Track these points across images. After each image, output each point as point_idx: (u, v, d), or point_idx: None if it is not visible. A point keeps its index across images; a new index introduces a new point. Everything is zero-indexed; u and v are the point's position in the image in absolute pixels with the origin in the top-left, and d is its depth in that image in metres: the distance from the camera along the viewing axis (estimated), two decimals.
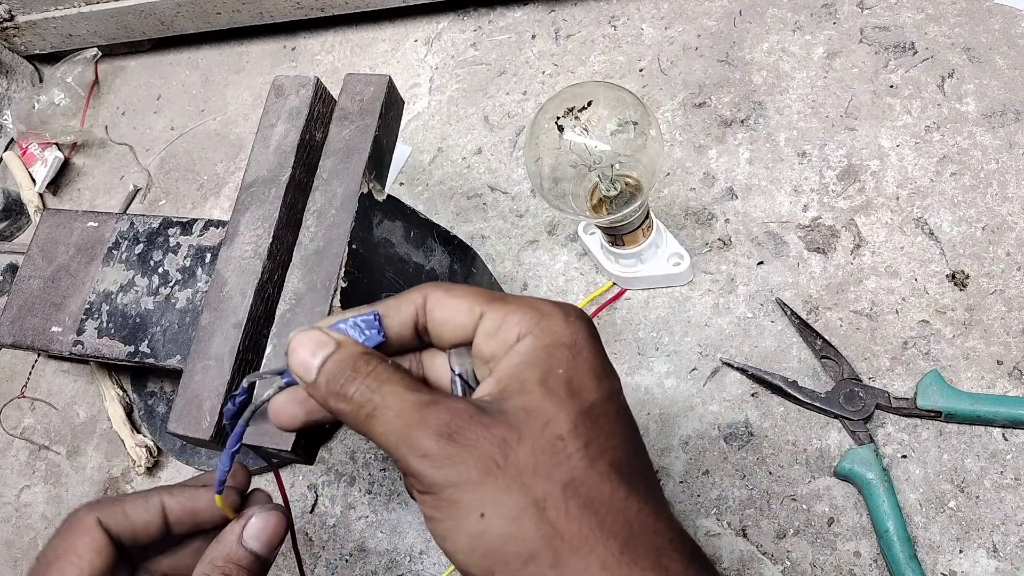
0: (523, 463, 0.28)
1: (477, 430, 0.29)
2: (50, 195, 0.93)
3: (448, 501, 0.28)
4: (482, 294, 0.33)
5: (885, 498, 0.52)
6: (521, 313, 0.32)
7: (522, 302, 0.32)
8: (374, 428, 0.30)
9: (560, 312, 0.32)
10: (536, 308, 0.32)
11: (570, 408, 0.30)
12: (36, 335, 0.65)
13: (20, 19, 0.93)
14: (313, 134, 0.51)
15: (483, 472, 0.28)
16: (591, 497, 0.28)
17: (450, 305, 0.33)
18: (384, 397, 0.30)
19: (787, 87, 0.70)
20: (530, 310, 0.32)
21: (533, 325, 0.31)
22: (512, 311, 0.32)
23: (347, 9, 0.85)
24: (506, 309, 0.32)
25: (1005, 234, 0.60)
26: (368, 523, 0.64)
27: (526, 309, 0.32)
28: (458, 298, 0.33)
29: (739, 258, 0.64)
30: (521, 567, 0.28)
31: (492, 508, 0.28)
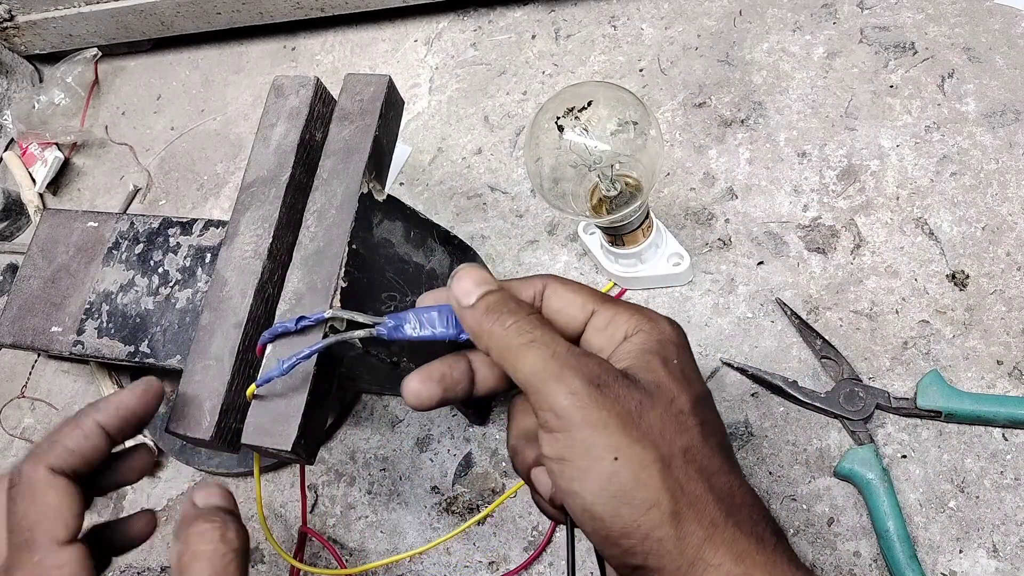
0: (653, 425, 0.33)
1: (620, 387, 0.33)
2: (50, 195, 0.93)
3: (582, 443, 0.32)
4: (595, 293, 0.37)
5: (885, 498, 0.52)
6: (629, 315, 0.36)
7: (631, 306, 0.36)
8: (525, 359, 0.33)
9: (664, 317, 0.37)
10: (644, 312, 0.36)
11: (688, 391, 0.34)
12: (36, 335, 0.65)
13: (20, 19, 0.93)
14: (313, 134, 0.51)
15: (621, 422, 0.32)
16: (704, 465, 0.33)
17: (566, 298, 0.36)
18: (543, 335, 0.34)
19: (787, 87, 0.70)
20: (639, 313, 0.36)
21: (643, 324, 0.36)
22: (621, 312, 0.36)
23: (347, 9, 0.85)
24: (616, 309, 0.36)
25: (1005, 234, 0.60)
26: (368, 523, 0.64)
27: (634, 311, 0.36)
28: (573, 292, 0.37)
29: (739, 258, 0.64)
30: (645, 511, 0.31)
31: (625, 455, 0.32)
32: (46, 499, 0.37)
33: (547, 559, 0.59)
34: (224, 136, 0.90)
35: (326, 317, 0.43)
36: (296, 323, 0.43)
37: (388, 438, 0.67)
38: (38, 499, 0.37)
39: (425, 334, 0.41)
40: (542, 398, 0.33)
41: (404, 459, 0.65)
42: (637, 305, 0.37)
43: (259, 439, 0.43)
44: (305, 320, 0.43)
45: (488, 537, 0.61)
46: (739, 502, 0.33)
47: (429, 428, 0.66)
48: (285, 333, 0.43)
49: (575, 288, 0.37)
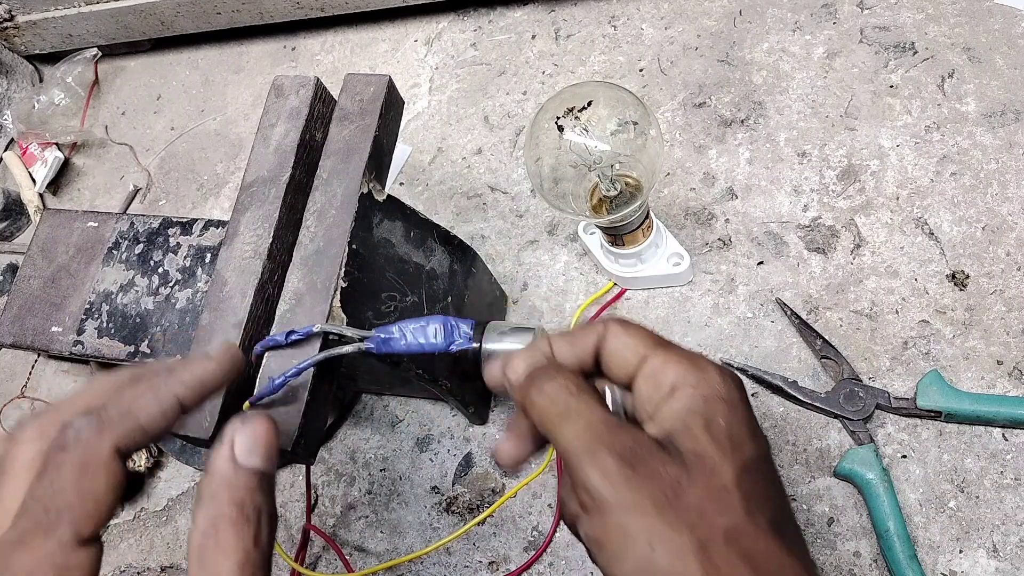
0: (692, 504, 0.30)
1: (655, 463, 0.31)
2: (50, 195, 0.93)
3: (616, 525, 0.30)
4: (650, 338, 0.35)
5: (885, 498, 0.52)
6: (680, 364, 0.34)
7: (683, 354, 0.34)
8: (563, 429, 0.32)
9: (715, 368, 0.34)
10: (694, 362, 0.34)
11: (733, 460, 0.31)
12: (36, 335, 0.65)
13: (20, 19, 0.93)
14: (313, 134, 0.51)
15: (656, 504, 0.30)
16: (749, 548, 0.30)
17: (622, 341, 0.35)
18: (579, 403, 0.33)
19: (787, 87, 0.70)
20: (689, 363, 0.34)
21: (691, 376, 0.33)
22: (672, 361, 0.34)
23: (347, 9, 0.85)
24: (667, 357, 0.34)
25: (1005, 234, 0.60)
26: (368, 523, 0.64)
27: (685, 362, 0.34)
28: (630, 336, 0.35)
29: (739, 258, 0.64)
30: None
31: (661, 541, 0.29)
32: (95, 483, 0.30)
33: (547, 559, 0.59)
34: (224, 136, 0.90)
35: (315, 331, 0.43)
36: (286, 337, 0.43)
37: (388, 438, 0.67)
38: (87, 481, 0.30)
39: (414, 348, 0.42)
40: (577, 474, 0.31)
41: (404, 459, 0.65)
42: (691, 354, 0.35)
43: None
44: (295, 334, 0.43)
45: (488, 537, 0.61)
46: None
47: (429, 428, 0.66)
48: (277, 346, 0.44)
49: (633, 332, 0.35)
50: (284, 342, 0.43)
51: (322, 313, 0.45)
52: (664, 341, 0.35)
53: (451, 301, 0.58)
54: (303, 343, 0.44)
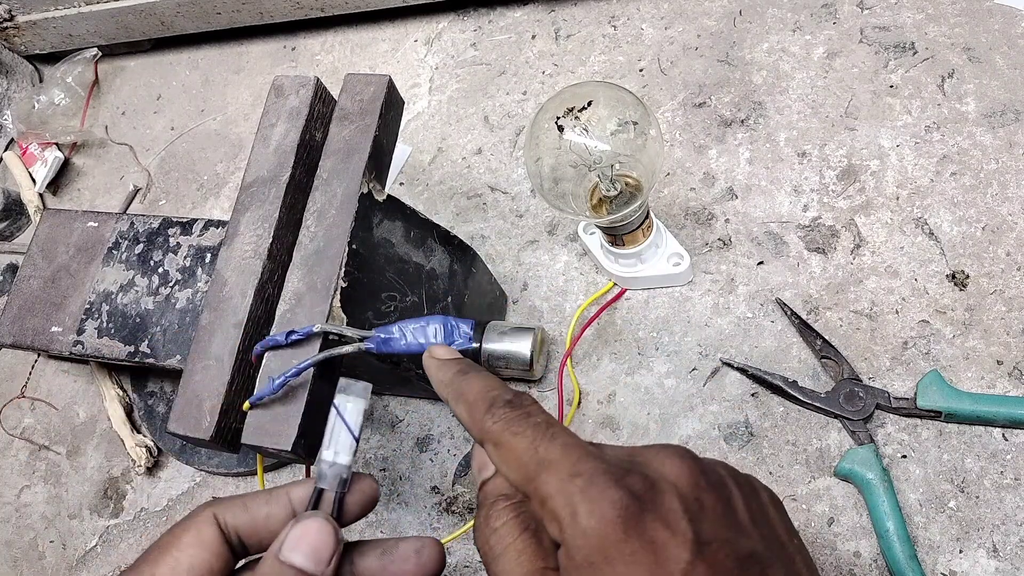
0: None
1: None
2: (50, 195, 0.93)
3: None
4: (523, 467, 0.30)
5: (885, 498, 0.52)
6: (548, 512, 0.28)
7: (547, 493, 0.28)
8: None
9: (585, 512, 0.27)
10: (559, 507, 0.28)
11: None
12: (36, 335, 0.65)
13: (20, 19, 0.93)
14: (313, 134, 0.51)
15: None
16: None
17: (502, 472, 0.31)
18: (499, 567, 0.30)
19: (787, 87, 0.70)
20: (556, 508, 0.28)
21: (560, 534, 0.28)
22: (544, 504, 0.28)
23: (347, 9, 0.85)
24: (538, 499, 0.29)
25: (1005, 234, 0.60)
26: (368, 523, 0.64)
27: (552, 507, 0.28)
28: (505, 466, 0.31)
29: (739, 258, 0.64)
30: None
31: None
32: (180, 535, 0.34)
33: None
34: (224, 136, 0.90)
35: (315, 331, 0.43)
36: (286, 337, 0.43)
37: (388, 438, 0.67)
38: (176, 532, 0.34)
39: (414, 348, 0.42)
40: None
41: (404, 459, 0.65)
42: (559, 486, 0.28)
43: (259, 439, 0.43)
44: (295, 334, 0.43)
45: None
46: None
47: (429, 428, 0.66)
48: (277, 346, 0.44)
49: (506, 458, 0.30)
50: (284, 342, 0.43)
51: (322, 313, 0.45)
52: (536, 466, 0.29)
53: (451, 301, 0.58)
54: (303, 343, 0.44)
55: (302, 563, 0.32)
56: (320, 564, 0.32)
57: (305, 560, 0.32)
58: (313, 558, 0.32)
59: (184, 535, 0.33)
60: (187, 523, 0.34)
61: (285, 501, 0.35)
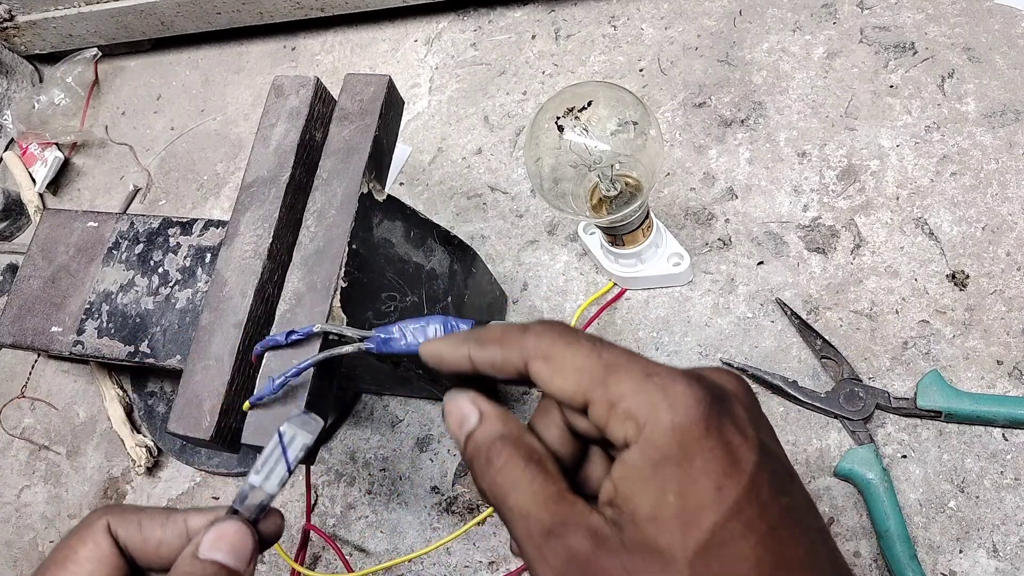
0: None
1: (603, 562, 0.27)
2: (50, 195, 0.93)
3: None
4: (587, 372, 0.29)
5: (885, 498, 0.52)
6: (623, 410, 0.28)
7: (624, 391, 0.28)
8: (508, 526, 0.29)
9: (667, 408, 0.27)
10: (638, 404, 0.27)
11: (685, 547, 0.26)
12: (36, 335, 0.65)
13: (20, 19, 0.93)
14: (313, 134, 0.51)
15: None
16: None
17: (554, 386, 0.30)
18: (512, 502, 0.29)
19: (787, 87, 0.70)
20: (634, 406, 0.28)
21: (636, 431, 0.27)
22: (616, 404, 0.28)
23: (347, 9, 0.85)
24: (609, 400, 0.28)
25: (1005, 234, 0.60)
26: (368, 523, 0.64)
27: (629, 404, 0.28)
28: (560, 377, 0.29)
29: (739, 258, 0.64)
30: None
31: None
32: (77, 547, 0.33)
33: None
34: (224, 136, 0.90)
35: (315, 331, 0.43)
36: (286, 337, 0.43)
37: (388, 438, 0.67)
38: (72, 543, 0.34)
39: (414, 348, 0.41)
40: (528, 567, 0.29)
41: (404, 459, 0.65)
42: (635, 385, 0.28)
43: (259, 439, 0.43)
44: (295, 334, 0.43)
45: (488, 537, 0.61)
46: None
47: (429, 428, 0.66)
48: (277, 346, 0.44)
49: (560, 369, 0.29)
50: (284, 342, 0.43)
51: (322, 313, 0.45)
52: (603, 369, 0.29)
53: (451, 301, 0.58)
54: (303, 343, 0.44)
55: (224, 559, 0.32)
56: (241, 560, 0.32)
57: (226, 557, 0.32)
58: (234, 555, 0.32)
59: (81, 548, 0.33)
60: (82, 534, 0.33)
61: (181, 529, 0.34)
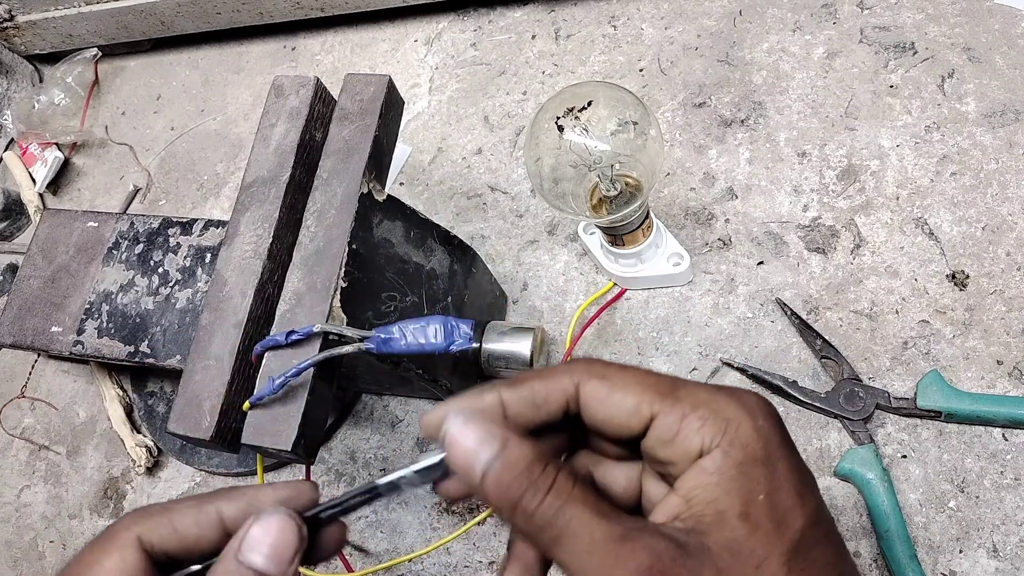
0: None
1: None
2: (50, 195, 0.93)
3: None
4: (651, 387, 0.28)
5: (885, 498, 0.52)
6: (701, 417, 0.27)
7: (699, 400, 0.28)
8: (560, 555, 0.27)
9: (746, 414, 0.28)
10: (718, 409, 0.28)
11: (780, 544, 0.26)
12: (36, 335, 0.65)
13: (20, 19, 0.93)
14: (313, 134, 0.51)
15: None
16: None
17: (611, 403, 0.28)
18: (571, 522, 0.26)
19: (787, 87, 0.70)
20: (711, 413, 0.28)
21: (719, 434, 0.27)
22: (690, 414, 0.28)
23: (347, 9, 0.85)
24: (682, 410, 0.28)
25: (1005, 234, 0.60)
26: (368, 523, 0.64)
27: (706, 412, 0.28)
28: (621, 393, 0.28)
29: (739, 258, 0.64)
30: None
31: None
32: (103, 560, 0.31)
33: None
34: (224, 136, 0.90)
35: (315, 331, 0.43)
36: (286, 337, 0.43)
37: (388, 438, 0.67)
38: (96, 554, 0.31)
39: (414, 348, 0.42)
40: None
41: (404, 459, 0.65)
42: (710, 395, 0.28)
43: (259, 439, 0.43)
44: (295, 334, 0.43)
45: (488, 537, 0.61)
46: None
47: None
48: (277, 346, 0.44)
49: (622, 385, 0.28)
50: (284, 342, 0.43)
51: (322, 313, 0.45)
52: (666, 383, 0.29)
53: (451, 301, 0.58)
54: (303, 343, 0.44)
55: (263, 565, 0.30)
56: (281, 564, 0.30)
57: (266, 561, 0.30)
58: (274, 559, 0.30)
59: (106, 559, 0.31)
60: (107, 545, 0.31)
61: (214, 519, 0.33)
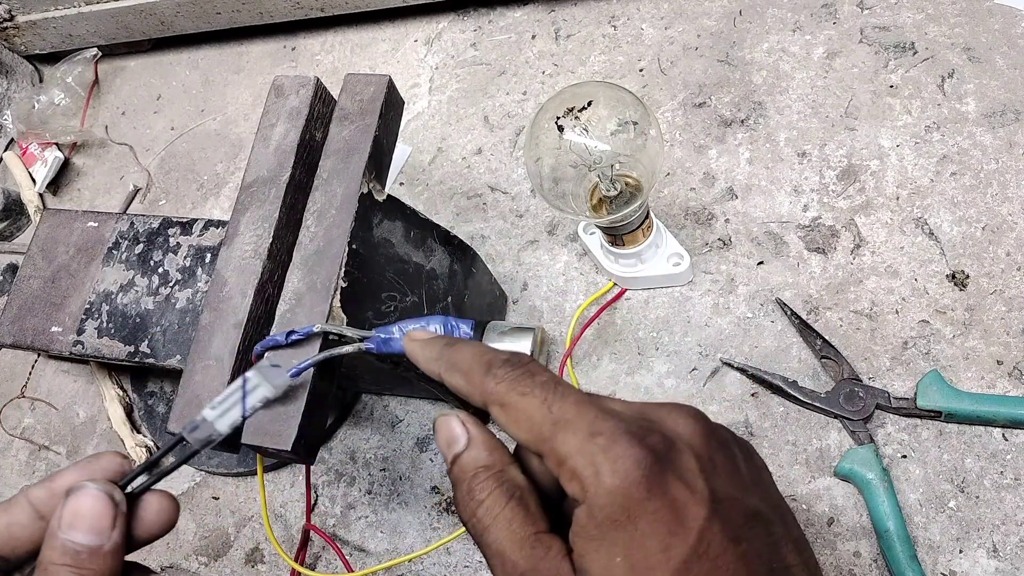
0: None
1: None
2: (50, 195, 0.93)
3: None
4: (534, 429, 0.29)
5: (885, 498, 0.52)
6: (567, 472, 0.28)
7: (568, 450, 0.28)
8: (485, 560, 0.30)
9: (608, 470, 0.27)
10: (579, 468, 0.28)
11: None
12: (36, 335, 0.65)
13: (20, 19, 0.93)
14: (313, 134, 0.51)
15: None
16: None
17: (511, 433, 0.30)
18: (490, 539, 0.29)
19: (787, 87, 0.70)
20: (570, 472, 0.28)
21: (580, 492, 0.28)
22: (557, 468, 0.28)
23: (347, 9, 0.85)
24: (555, 459, 0.28)
25: (1005, 234, 0.60)
26: (368, 523, 0.64)
27: (569, 469, 0.28)
28: (514, 427, 0.30)
29: (739, 258, 0.64)
30: None
31: None
32: None
33: None
34: (224, 136, 0.90)
35: (315, 331, 0.43)
36: (286, 337, 0.43)
37: (388, 438, 0.67)
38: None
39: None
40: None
41: (404, 459, 0.65)
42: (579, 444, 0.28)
43: (259, 439, 0.43)
44: (295, 334, 0.43)
45: None
46: None
47: (429, 428, 0.66)
48: (277, 346, 0.44)
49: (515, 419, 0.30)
50: (284, 342, 0.43)
51: (322, 313, 0.45)
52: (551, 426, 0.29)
53: (451, 301, 0.58)
54: (303, 343, 0.44)
55: (83, 540, 0.31)
56: (102, 534, 0.31)
57: (85, 536, 0.31)
58: (93, 531, 0.31)
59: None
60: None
61: (23, 504, 0.33)
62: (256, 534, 0.66)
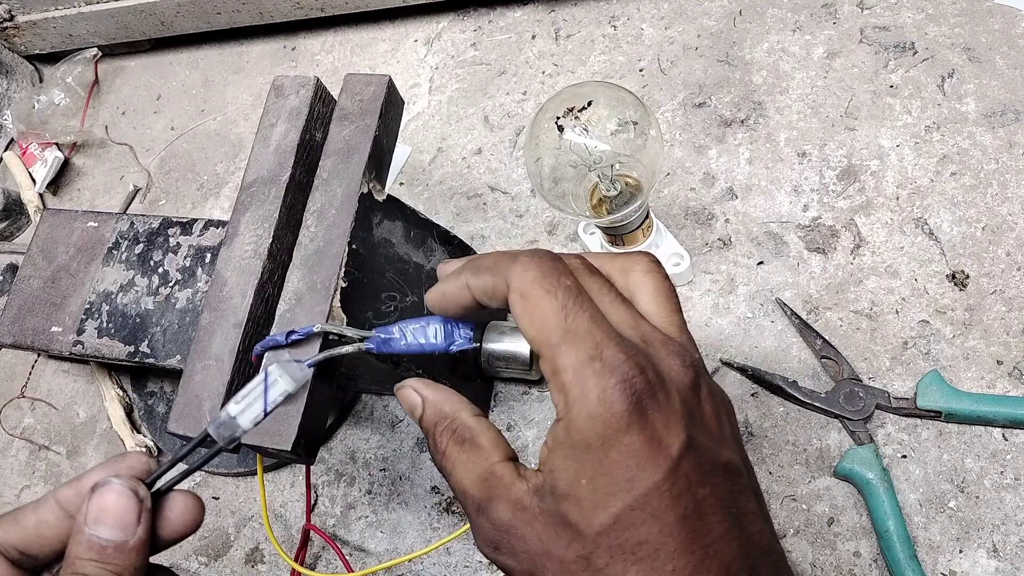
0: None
1: (516, 544, 0.30)
2: (50, 195, 0.93)
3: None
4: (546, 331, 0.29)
5: (885, 498, 0.52)
6: (556, 386, 0.29)
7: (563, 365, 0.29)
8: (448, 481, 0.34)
9: (595, 397, 0.28)
10: (568, 384, 0.29)
11: (591, 524, 0.28)
12: (36, 335, 0.65)
13: (20, 19, 0.93)
14: (313, 134, 0.51)
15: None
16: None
17: (521, 325, 0.31)
18: (454, 482, 0.33)
19: (787, 87, 0.70)
20: (560, 387, 0.29)
21: (564, 408, 0.29)
22: (550, 378, 0.29)
23: (347, 9, 0.85)
24: (549, 367, 0.29)
25: (1005, 234, 0.60)
26: (368, 523, 0.64)
27: (557, 383, 0.29)
28: (526, 321, 0.30)
29: (739, 258, 0.64)
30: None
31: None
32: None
33: None
34: (224, 136, 0.90)
35: (315, 331, 0.43)
36: (286, 337, 0.43)
37: (388, 438, 0.67)
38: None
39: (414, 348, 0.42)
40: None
41: (404, 459, 0.65)
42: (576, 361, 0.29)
43: (259, 439, 0.43)
44: (295, 334, 0.43)
45: None
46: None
47: None
48: (276, 346, 0.44)
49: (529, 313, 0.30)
50: (284, 342, 0.43)
51: (322, 313, 0.45)
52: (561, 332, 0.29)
53: None
54: (303, 343, 0.44)
55: (108, 535, 0.32)
56: (127, 529, 0.32)
57: (111, 532, 0.32)
58: (119, 526, 0.32)
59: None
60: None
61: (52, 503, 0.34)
62: (256, 534, 0.66)
